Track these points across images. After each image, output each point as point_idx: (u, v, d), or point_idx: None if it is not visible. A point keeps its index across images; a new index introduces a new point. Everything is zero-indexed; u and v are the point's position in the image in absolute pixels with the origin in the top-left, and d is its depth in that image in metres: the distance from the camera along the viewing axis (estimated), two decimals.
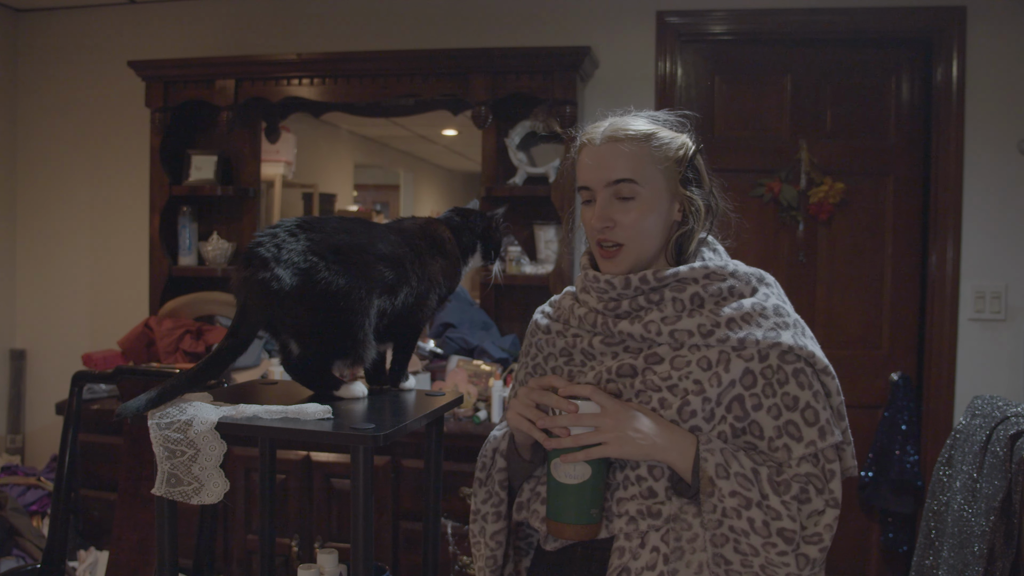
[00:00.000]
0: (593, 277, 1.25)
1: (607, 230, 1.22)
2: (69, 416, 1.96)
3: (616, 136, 1.23)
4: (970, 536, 1.95)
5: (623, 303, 1.22)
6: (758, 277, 1.25)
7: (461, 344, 2.94)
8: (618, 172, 1.21)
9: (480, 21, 3.18)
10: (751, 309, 1.19)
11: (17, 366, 3.64)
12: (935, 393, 2.95)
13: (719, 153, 3.04)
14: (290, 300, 1.19)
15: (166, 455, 1.13)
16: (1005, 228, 2.91)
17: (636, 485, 1.18)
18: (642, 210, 1.22)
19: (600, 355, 1.25)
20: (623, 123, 1.26)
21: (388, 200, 3.77)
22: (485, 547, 1.31)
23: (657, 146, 1.23)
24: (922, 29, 2.93)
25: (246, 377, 2.89)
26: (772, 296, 1.22)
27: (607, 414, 1.15)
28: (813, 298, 3.08)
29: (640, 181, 1.22)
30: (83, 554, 2.44)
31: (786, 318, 1.20)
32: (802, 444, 1.14)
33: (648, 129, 1.24)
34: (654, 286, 1.21)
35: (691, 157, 1.26)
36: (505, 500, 1.31)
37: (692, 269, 1.21)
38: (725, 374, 1.16)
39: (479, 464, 1.34)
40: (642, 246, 1.23)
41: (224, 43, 3.36)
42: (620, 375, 1.21)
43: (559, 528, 1.16)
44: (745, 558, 1.11)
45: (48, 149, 3.60)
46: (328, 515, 2.63)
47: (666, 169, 1.24)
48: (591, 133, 1.26)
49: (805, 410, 1.15)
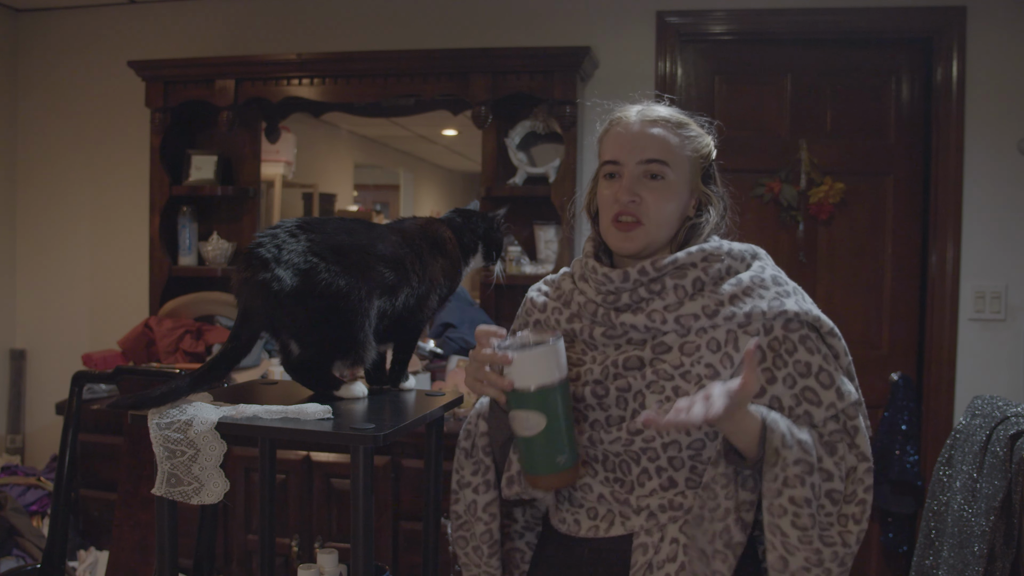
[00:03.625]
0: (592, 268, 1.25)
1: (632, 204, 1.22)
2: (69, 416, 1.96)
3: (652, 118, 1.26)
4: (970, 536, 1.95)
5: (623, 296, 1.22)
6: (751, 252, 1.26)
7: (461, 344, 2.94)
8: (653, 152, 1.23)
9: (480, 21, 3.18)
10: (750, 282, 1.20)
11: (17, 366, 3.64)
12: (935, 393, 2.95)
13: (719, 153, 3.03)
14: (290, 301, 1.19)
15: (166, 455, 1.13)
16: (1005, 228, 2.91)
17: (656, 477, 1.18)
18: (668, 194, 1.24)
19: (603, 347, 1.24)
20: (657, 108, 1.28)
21: (388, 200, 3.77)
22: (478, 522, 1.28)
23: (688, 136, 1.26)
24: (922, 29, 2.93)
25: (246, 377, 2.89)
26: (767, 267, 1.24)
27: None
28: (813, 298, 3.04)
29: (670, 164, 1.24)
30: (83, 554, 2.44)
31: (786, 286, 1.22)
32: (822, 408, 1.15)
33: (681, 118, 1.28)
34: (653, 276, 1.21)
35: (714, 157, 1.29)
36: (491, 468, 1.29)
37: (689, 254, 1.22)
38: (736, 353, 1.16)
39: (463, 433, 1.32)
40: (658, 229, 1.24)
41: (224, 43, 3.36)
42: (627, 368, 1.20)
43: (533, 480, 1.16)
44: (804, 532, 1.08)
45: (48, 149, 3.60)
46: (328, 515, 2.63)
47: (692, 161, 1.26)
48: (625, 112, 1.29)
49: (819, 374, 1.16)
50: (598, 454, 1.23)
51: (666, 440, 1.17)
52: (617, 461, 1.21)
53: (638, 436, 1.18)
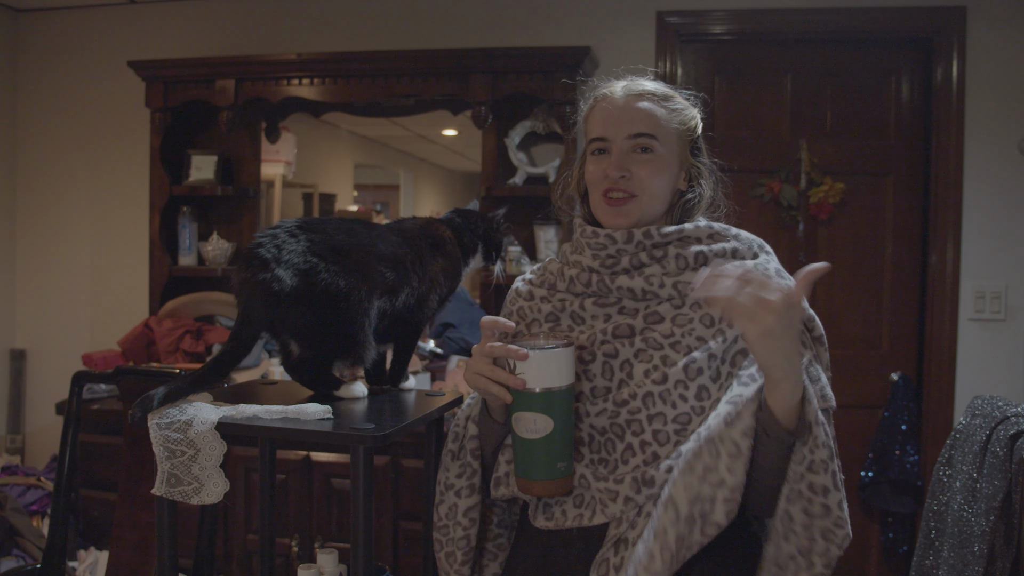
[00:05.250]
0: (592, 232, 1.23)
1: (622, 180, 1.21)
2: (69, 416, 1.96)
3: (637, 92, 1.25)
4: (970, 536, 1.95)
5: (623, 259, 1.20)
6: (759, 244, 1.25)
7: (461, 344, 2.95)
8: (640, 126, 1.22)
9: (480, 21, 3.18)
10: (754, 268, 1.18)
11: (17, 366, 3.64)
12: (935, 393, 2.95)
13: (719, 153, 3.03)
14: (290, 301, 1.19)
15: (166, 455, 1.13)
16: (1005, 228, 2.91)
17: (640, 453, 1.13)
18: (658, 166, 1.22)
19: (591, 317, 1.22)
20: (642, 81, 1.27)
21: (388, 200, 3.77)
22: (457, 526, 1.25)
23: (674, 109, 1.25)
24: (922, 29, 2.93)
25: (246, 377, 2.89)
26: (772, 261, 1.23)
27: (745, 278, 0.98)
28: (813, 298, 3.05)
29: (659, 137, 1.22)
30: (83, 554, 2.44)
31: (788, 281, 1.19)
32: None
33: (667, 91, 1.27)
34: (657, 241, 1.19)
35: (700, 130, 1.28)
36: (479, 472, 1.26)
37: (697, 227, 1.21)
38: (729, 329, 1.14)
39: (451, 435, 1.29)
40: (652, 201, 1.23)
41: (224, 43, 3.36)
42: (616, 335, 1.18)
43: (527, 485, 1.13)
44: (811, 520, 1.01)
45: (48, 149, 3.60)
46: (328, 515, 2.63)
47: (680, 133, 1.25)
48: (610, 87, 1.27)
49: (808, 367, 1.12)
50: (583, 435, 1.19)
51: (652, 412, 1.14)
52: (602, 440, 1.18)
53: (623, 408, 1.15)
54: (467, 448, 1.26)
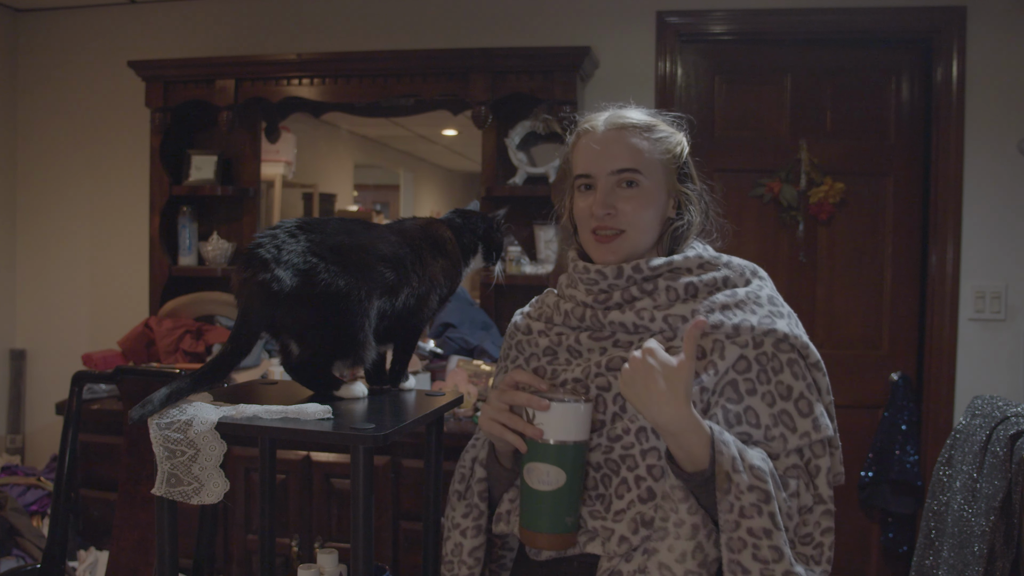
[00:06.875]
0: (583, 268, 1.24)
1: (608, 216, 1.21)
2: (69, 416, 1.96)
3: (619, 125, 1.23)
4: (970, 536, 1.95)
5: (615, 294, 1.21)
6: (751, 270, 1.24)
7: (461, 344, 2.94)
8: (622, 161, 1.21)
9: (480, 21, 3.18)
10: (745, 297, 1.18)
11: (17, 366, 3.64)
12: (935, 393, 2.95)
13: (719, 153, 3.05)
14: (290, 301, 1.19)
15: (166, 455, 1.13)
16: (1005, 228, 2.91)
17: (635, 488, 1.14)
18: (643, 200, 1.22)
19: (588, 351, 1.23)
20: (624, 113, 1.26)
21: (388, 200, 3.77)
22: (462, 565, 1.26)
23: (657, 138, 1.24)
24: (922, 29, 2.93)
25: (246, 377, 2.89)
26: (766, 287, 1.22)
27: (632, 368, 1.08)
28: (813, 298, 3.08)
29: (643, 171, 1.22)
30: (83, 554, 2.44)
31: (780, 308, 1.19)
32: (796, 435, 1.12)
33: (649, 121, 1.25)
34: (647, 275, 1.20)
35: (687, 155, 1.26)
36: (485, 513, 1.27)
37: (686, 258, 1.21)
38: (720, 361, 1.14)
39: (457, 476, 1.30)
40: (640, 235, 1.23)
41: (224, 43, 3.36)
42: (610, 368, 1.18)
43: (532, 537, 1.13)
44: (766, 566, 1.03)
45: (48, 149, 3.60)
46: (328, 515, 2.63)
47: (665, 163, 1.24)
48: (592, 121, 1.26)
49: (799, 400, 1.13)
50: None
51: (645, 447, 1.15)
52: (598, 476, 1.18)
53: (617, 443, 1.16)
54: (474, 490, 1.27)
